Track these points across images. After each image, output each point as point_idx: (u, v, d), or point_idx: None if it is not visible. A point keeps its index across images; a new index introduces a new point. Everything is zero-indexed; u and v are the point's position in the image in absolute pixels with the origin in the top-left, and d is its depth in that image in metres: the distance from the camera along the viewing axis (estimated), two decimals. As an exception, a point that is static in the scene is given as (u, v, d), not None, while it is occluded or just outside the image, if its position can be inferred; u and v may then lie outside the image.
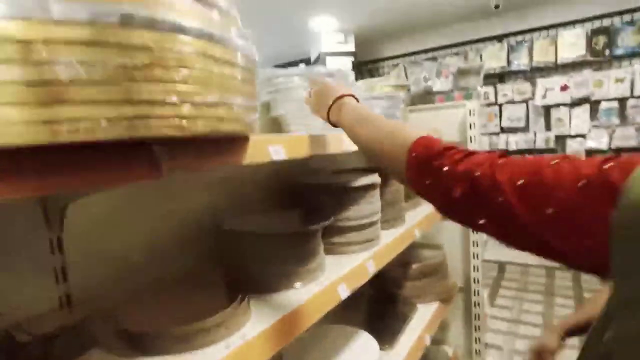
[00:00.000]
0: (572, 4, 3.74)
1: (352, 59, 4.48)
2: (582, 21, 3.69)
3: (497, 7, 3.89)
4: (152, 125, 0.38)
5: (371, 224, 1.11)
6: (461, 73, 1.73)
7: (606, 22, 3.60)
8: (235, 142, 0.60)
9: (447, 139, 2.08)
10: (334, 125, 0.78)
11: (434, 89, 1.83)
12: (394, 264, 1.41)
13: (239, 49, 0.49)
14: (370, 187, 1.11)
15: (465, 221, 0.52)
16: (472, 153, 0.51)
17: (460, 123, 1.75)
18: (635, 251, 0.35)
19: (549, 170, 0.42)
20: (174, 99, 0.40)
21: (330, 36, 4.39)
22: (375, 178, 1.14)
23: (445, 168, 0.51)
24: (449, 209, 0.53)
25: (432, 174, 0.53)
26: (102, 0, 0.35)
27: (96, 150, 0.40)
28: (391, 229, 1.32)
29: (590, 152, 3.67)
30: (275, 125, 1.16)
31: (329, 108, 0.78)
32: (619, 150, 3.54)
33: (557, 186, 0.40)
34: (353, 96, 0.78)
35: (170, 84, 0.39)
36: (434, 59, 4.43)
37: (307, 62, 4.78)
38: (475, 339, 1.89)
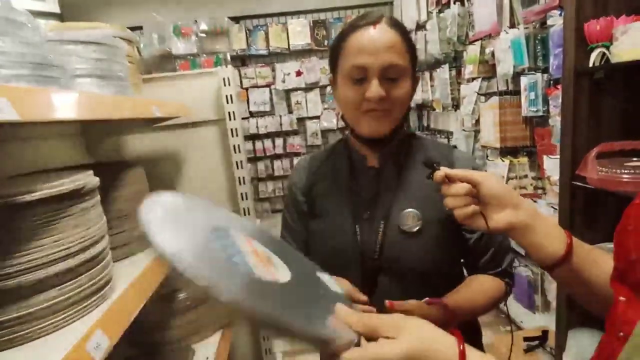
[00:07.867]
0: (297, -6, 4.02)
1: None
2: (305, 12, 4.02)
3: (230, -15, 3.73)
4: None
5: (90, 263, 0.61)
6: (208, 33, 1.36)
7: (322, 16, 4.06)
8: None
9: (201, 117, 1.68)
10: None
11: (174, 52, 1.40)
12: (150, 300, 0.94)
13: None
14: (77, 194, 0.60)
15: None
16: None
17: (215, 96, 1.40)
18: None
19: None
20: None
21: (14, -12, 3.10)
22: (87, 178, 0.63)
23: None
24: None
25: None
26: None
27: None
28: (135, 256, 0.84)
29: (324, 132, 4.13)
30: None
31: None
32: (344, 129, 4.13)
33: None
34: None
35: None
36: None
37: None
38: (265, 350, 1.65)
